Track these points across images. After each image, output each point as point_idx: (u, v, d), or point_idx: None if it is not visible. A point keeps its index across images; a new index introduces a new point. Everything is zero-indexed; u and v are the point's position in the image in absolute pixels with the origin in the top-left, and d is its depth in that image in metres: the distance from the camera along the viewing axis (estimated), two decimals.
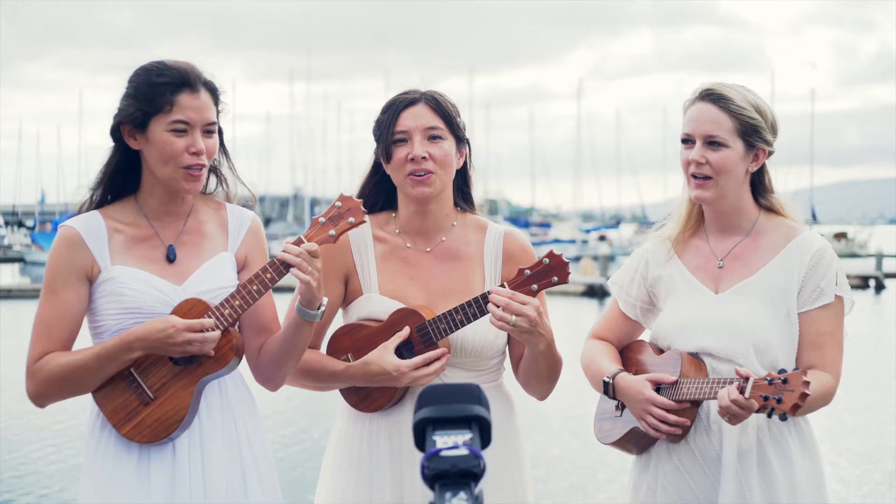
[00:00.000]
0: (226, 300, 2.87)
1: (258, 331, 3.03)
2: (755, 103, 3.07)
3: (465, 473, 1.64)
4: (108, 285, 2.90)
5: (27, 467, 11.23)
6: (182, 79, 2.89)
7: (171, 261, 2.96)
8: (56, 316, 2.89)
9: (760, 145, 3.07)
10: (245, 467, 2.97)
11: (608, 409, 3.23)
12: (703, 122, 3.05)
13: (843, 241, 68.59)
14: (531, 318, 2.89)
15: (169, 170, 2.90)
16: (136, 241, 2.96)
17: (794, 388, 2.74)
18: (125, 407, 2.88)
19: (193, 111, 2.89)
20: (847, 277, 3.11)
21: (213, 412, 2.94)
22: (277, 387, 3.08)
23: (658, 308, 3.21)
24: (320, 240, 2.87)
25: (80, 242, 2.91)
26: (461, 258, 3.19)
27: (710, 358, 3.04)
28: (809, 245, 3.07)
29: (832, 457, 11.80)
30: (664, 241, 3.24)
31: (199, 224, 3.03)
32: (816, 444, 3.11)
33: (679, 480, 3.06)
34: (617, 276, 3.33)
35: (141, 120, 2.89)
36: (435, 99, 3.14)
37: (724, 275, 3.12)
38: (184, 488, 2.88)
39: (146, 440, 2.87)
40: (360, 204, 2.89)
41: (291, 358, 2.98)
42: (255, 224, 3.11)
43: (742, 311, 3.04)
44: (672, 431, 3.00)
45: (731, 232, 3.15)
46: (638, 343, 3.28)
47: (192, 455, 2.90)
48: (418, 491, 3.04)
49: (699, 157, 3.04)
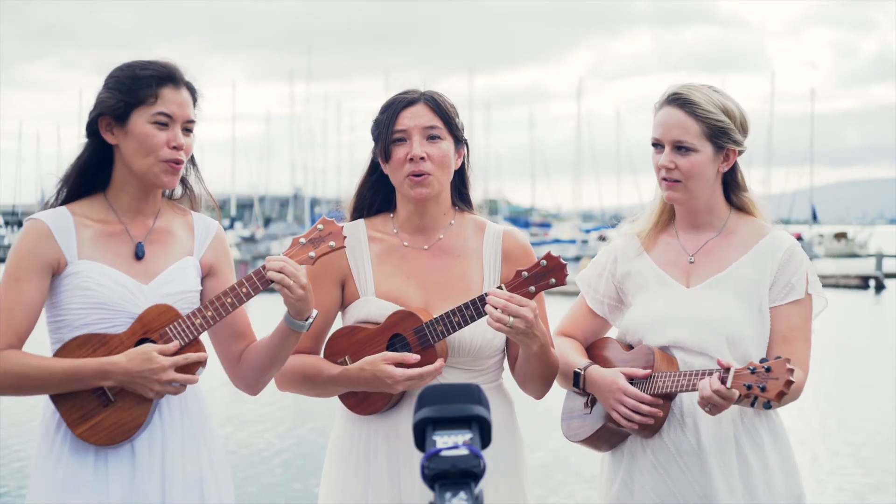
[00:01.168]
0: (198, 310, 2.87)
1: (235, 337, 3.04)
2: (722, 105, 3.10)
3: (465, 473, 1.64)
4: (73, 279, 2.88)
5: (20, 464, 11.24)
6: (167, 73, 2.93)
7: (139, 258, 2.94)
8: (17, 304, 2.85)
9: (730, 146, 3.11)
10: (202, 468, 2.96)
11: (576, 406, 3.24)
12: (670, 128, 3.09)
13: (843, 241, 68.62)
14: (528, 319, 2.90)
15: (148, 162, 2.90)
16: (105, 236, 2.95)
17: (779, 375, 2.76)
18: (83, 407, 2.84)
19: (176, 105, 2.91)
20: (847, 277, 3.14)
21: (174, 418, 2.93)
22: (257, 391, 3.09)
23: (626, 304, 3.24)
24: (300, 260, 2.89)
25: (48, 235, 2.89)
26: (459, 256, 3.19)
27: (681, 352, 3.06)
28: (781, 242, 3.12)
29: (830, 456, 11.81)
30: (633, 237, 3.27)
31: (167, 225, 3.03)
32: (787, 435, 3.14)
33: (654, 476, 3.07)
34: (584, 273, 3.35)
35: (122, 111, 2.90)
36: (434, 99, 3.15)
37: (696, 269, 3.14)
38: (143, 489, 2.86)
39: (102, 443, 2.84)
40: (341, 229, 2.92)
41: (274, 365, 3.01)
42: (220, 232, 3.12)
43: (714, 304, 3.07)
44: (645, 421, 3.01)
45: (702, 229, 3.18)
46: (604, 340, 3.30)
47: (152, 455, 2.88)
48: (416, 493, 3.04)
49: (668, 162, 3.08)
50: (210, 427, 3.03)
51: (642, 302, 3.16)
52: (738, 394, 2.80)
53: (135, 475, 2.86)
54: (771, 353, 3.05)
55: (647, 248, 3.23)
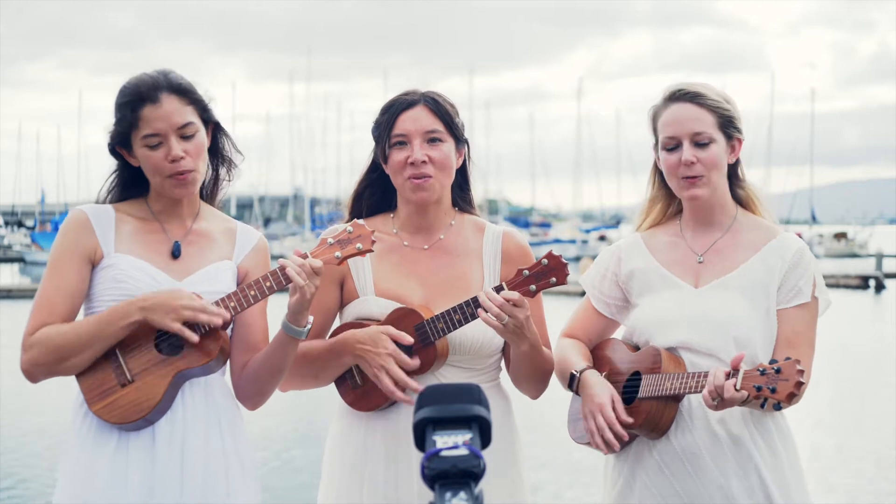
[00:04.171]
0: (222, 300, 2.89)
1: (246, 348, 3.04)
2: (723, 95, 3.13)
3: (465, 473, 1.64)
4: (108, 272, 2.94)
5: (21, 463, 11.24)
6: (138, 94, 2.93)
7: (175, 257, 2.99)
8: (58, 293, 2.92)
9: (736, 135, 3.12)
10: (228, 460, 2.97)
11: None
12: (686, 122, 3.07)
13: (843, 241, 68.61)
14: (520, 320, 2.91)
15: (157, 181, 2.97)
16: (143, 232, 3.01)
17: (789, 377, 2.74)
18: (102, 384, 2.89)
19: (158, 121, 2.92)
20: (847, 277, 3.14)
21: (198, 403, 2.95)
22: (257, 405, 3.08)
23: (632, 304, 3.22)
24: (325, 259, 2.89)
25: (87, 225, 2.96)
26: (459, 255, 3.19)
27: (689, 353, 3.04)
28: (790, 244, 3.11)
29: (830, 455, 11.80)
30: (636, 237, 3.26)
31: (207, 229, 3.07)
32: (793, 436, 3.13)
33: (660, 477, 3.05)
34: (589, 275, 3.32)
35: (123, 140, 2.97)
36: (434, 100, 3.14)
37: (705, 269, 3.13)
38: (161, 473, 2.88)
39: (116, 420, 2.88)
40: (371, 233, 2.90)
41: (273, 377, 3.00)
42: (262, 243, 3.14)
43: (723, 304, 3.05)
44: (611, 441, 2.99)
45: (710, 228, 3.17)
46: (609, 341, 3.27)
47: (172, 440, 2.90)
48: (414, 492, 3.04)
49: (691, 157, 3.05)
50: (241, 427, 3.04)
51: (649, 302, 3.14)
52: (746, 394, 2.78)
53: (154, 460, 2.89)
54: (775, 357, 3.03)
55: (651, 248, 3.22)
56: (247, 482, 3.01)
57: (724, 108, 3.08)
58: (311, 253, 2.90)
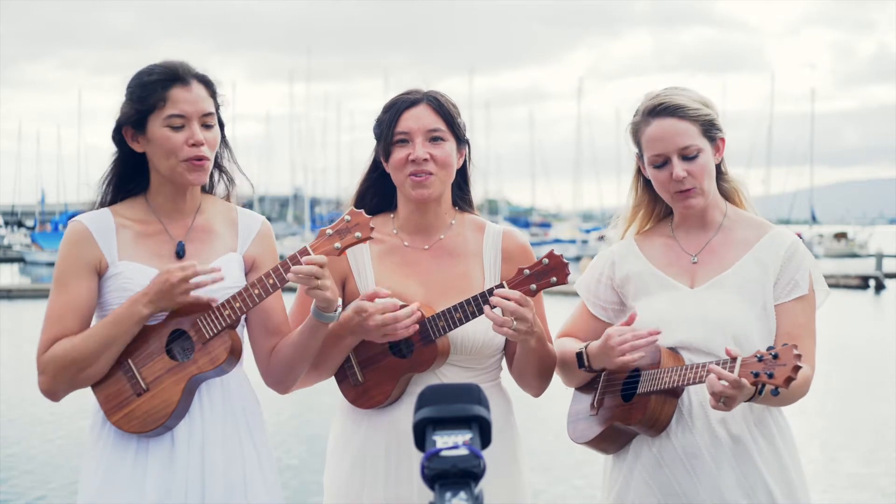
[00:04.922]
0: (227, 301, 2.89)
1: (269, 332, 3.04)
2: (701, 99, 3.12)
3: (465, 473, 1.64)
4: (115, 280, 2.94)
5: (27, 464, 11.24)
6: (172, 74, 2.94)
7: (180, 257, 2.99)
8: (67, 308, 2.92)
9: (719, 136, 3.12)
10: (246, 463, 2.98)
11: (582, 409, 3.22)
12: (672, 138, 3.06)
13: (843, 241, 68.61)
14: (529, 319, 2.91)
15: (171, 164, 2.94)
16: (145, 236, 3.00)
17: (786, 361, 2.75)
18: (118, 395, 2.91)
19: (187, 104, 2.93)
20: (847, 277, 3.14)
21: (215, 406, 2.96)
22: (288, 390, 3.09)
23: (628, 307, 3.21)
24: (325, 251, 2.88)
25: (88, 237, 2.96)
26: (459, 255, 3.19)
27: (688, 353, 3.04)
28: (783, 239, 3.11)
29: (830, 455, 11.81)
30: (629, 241, 3.26)
31: (208, 222, 3.06)
32: (794, 436, 3.13)
33: (659, 476, 3.06)
34: (583, 279, 3.32)
35: (139, 120, 2.94)
36: (437, 99, 3.15)
37: (699, 269, 3.13)
38: (181, 475, 2.89)
39: (135, 430, 2.90)
40: (368, 220, 2.89)
41: (303, 360, 3.00)
42: (266, 228, 3.14)
43: (719, 304, 3.06)
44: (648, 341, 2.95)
45: (702, 228, 3.17)
46: None
47: (191, 444, 2.91)
48: (415, 491, 3.04)
49: (682, 172, 3.04)
50: (260, 429, 3.04)
51: (646, 305, 3.14)
52: (747, 382, 2.78)
53: (173, 464, 2.90)
54: None
55: (644, 250, 3.21)
56: (266, 482, 3.01)
57: (705, 113, 3.07)
58: (311, 245, 2.90)
